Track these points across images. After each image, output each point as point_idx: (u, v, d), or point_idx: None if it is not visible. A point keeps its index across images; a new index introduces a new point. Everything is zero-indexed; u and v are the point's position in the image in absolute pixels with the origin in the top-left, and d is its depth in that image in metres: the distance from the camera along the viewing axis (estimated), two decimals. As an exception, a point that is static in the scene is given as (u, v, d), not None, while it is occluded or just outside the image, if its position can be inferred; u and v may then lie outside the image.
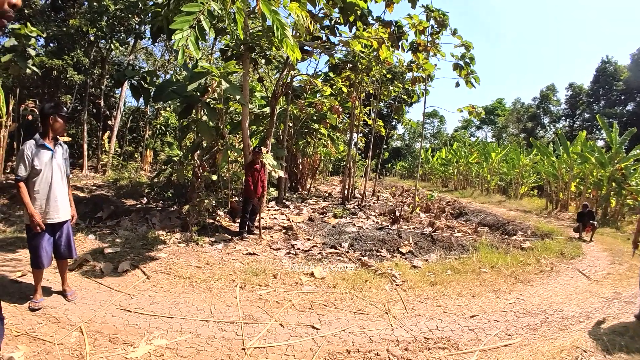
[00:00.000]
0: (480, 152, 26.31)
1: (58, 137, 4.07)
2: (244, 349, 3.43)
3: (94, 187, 11.99)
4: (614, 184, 13.91)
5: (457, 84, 13.43)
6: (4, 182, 10.88)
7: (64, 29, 15.91)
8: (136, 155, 22.24)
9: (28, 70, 10.41)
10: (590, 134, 41.79)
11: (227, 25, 3.71)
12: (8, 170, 12.94)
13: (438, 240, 8.39)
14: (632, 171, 13.90)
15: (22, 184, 3.78)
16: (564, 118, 51.57)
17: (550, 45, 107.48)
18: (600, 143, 27.83)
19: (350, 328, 3.96)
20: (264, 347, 3.49)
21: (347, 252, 7.03)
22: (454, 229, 10.65)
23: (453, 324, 4.20)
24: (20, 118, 14.57)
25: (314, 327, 3.92)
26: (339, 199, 15.07)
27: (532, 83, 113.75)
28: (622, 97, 44.26)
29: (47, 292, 4.31)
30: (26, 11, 15.40)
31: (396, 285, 5.38)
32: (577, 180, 16.72)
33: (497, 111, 64.70)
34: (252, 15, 7.29)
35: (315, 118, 14.08)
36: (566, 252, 8.06)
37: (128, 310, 4.07)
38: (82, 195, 9.98)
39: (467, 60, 12.79)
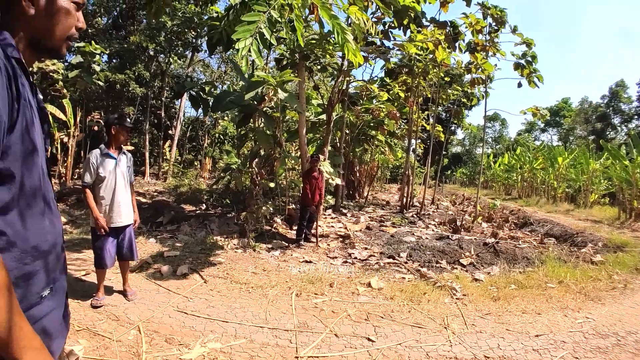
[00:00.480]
0: (545, 156, 24.61)
1: (122, 146, 4.30)
2: (297, 358, 3.39)
3: (156, 193, 12.62)
4: None
5: (520, 85, 12.70)
6: (72, 187, 11.75)
7: (125, 45, 17.12)
8: (195, 163, 23.23)
9: (93, 85, 11.25)
10: None
11: (285, 33, 3.73)
12: (76, 177, 13.95)
13: (501, 251, 7.91)
14: None
15: (88, 190, 4.06)
16: (636, 117, 46.65)
17: (617, 37, 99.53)
18: None
19: (407, 342, 3.79)
20: (317, 357, 3.43)
21: (406, 262, 6.80)
22: (518, 240, 10.03)
23: (516, 343, 3.89)
24: (87, 129, 15.69)
25: (369, 339, 3.79)
26: (397, 207, 14.76)
27: (600, 80, 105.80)
28: None
29: (109, 291, 4.55)
30: (90, 30, 16.73)
31: (456, 298, 5.10)
32: (655, 186, 15.09)
33: (562, 112, 60.23)
34: (305, 24, 7.34)
35: (372, 124, 13.88)
36: (642, 268, 7.28)
37: (185, 313, 4.18)
38: (144, 200, 10.52)
39: (529, 58, 12.08)
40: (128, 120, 4.28)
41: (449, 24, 11.50)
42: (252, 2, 3.57)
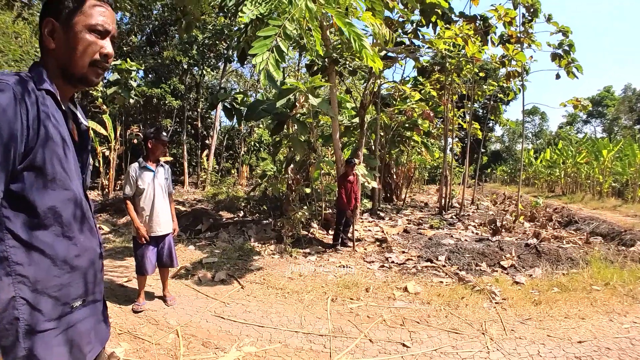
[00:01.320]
0: (589, 150, 23.47)
1: (159, 158, 4.49)
2: (330, 363, 3.41)
3: (194, 202, 13.00)
4: None
5: (558, 76, 12.22)
6: (114, 198, 12.33)
7: (159, 61, 17.84)
8: (233, 171, 23.76)
9: (131, 100, 11.77)
10: None
11: (307, 43, 3.82)
12: (118, 188, 14.61)
13: (544, 252, 7.61)
14: None
15: (128, 202, 4.29)
16: (685, 101, 44.05)
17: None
18: None
19: (443, 348, 3.73)
20: (351, 363, 3.43)
21: (444, 265, 6.68)
22: (562, 240, 9.61)
23: (557, 350, 3.74)
24: (127, 142, 16.44)
25: (404, 345, 3.76)
26: (436, 209, 14.47)
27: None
28: None
29: (150, 296, 4.75)
30: (125, 48, 17.51)
31: (495, 303, 4.97)
32: None
33: (605, 101, 56.95)
34: (331, 30, 7.39)
35: (407, 125, 13.73)
36: (697, 266, 6.80)
37: (222, 317, 4.30)
38: (183, 209, 10.84)
39: (566, 47, 11.59)
40: (164, 133, 4.47)
41: (479, 17, 11.24)
42: (267, 17, 3.67)
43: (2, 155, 1.01)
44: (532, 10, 11.41)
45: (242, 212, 10.62)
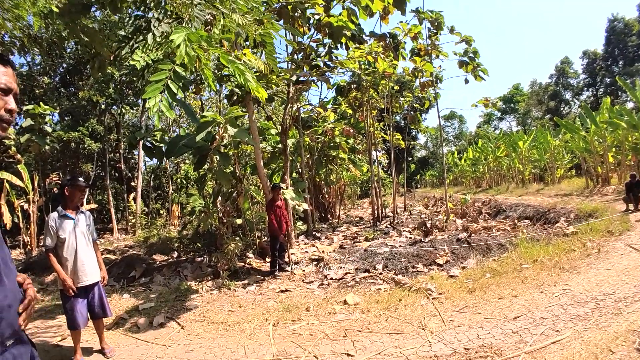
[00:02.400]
0: (507, 144, 25.33)
1: (79, 205, 4.33)
2: (277, 386, 3.36)
3: (126, 248, 12.34)
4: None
5: (466, 81, 13.22)
6: (39, 254, 11.37)
7: (75, 102, 16.91)
8: (162, 212, 22.73)
9: (47, 146, 10.99)
10: (617, 98, 39.15)
11: (204, 79, 4.00)
12: (42, 244, 13.48)
13: (475, 244, 8.07)
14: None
15: (50, 254, 4.07)
16: (585, 89, 48.79)
17: (553, 16, 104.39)
18: (630, 105, 26.06)
19: (386, 350, 3.81)
20: (297, 383, 3.40)
21: (381, 273, 6.83)
22: (491, 229, 10.24)
23: (495, 330, 3.95)
24: (46, 192, 15.29)
25: (348, 355, 3.79)
26: (371, 221, 14.84)
27: (545, 62, 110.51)
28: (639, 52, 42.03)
29: (87, 352, 4.46)
30: (37, 91, 16.46)
31: (432, 298, 5.16)
32: (613, 150, 15.64)
33: (516, 98, 62.56)
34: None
35: (331, 145, 14.05)
36: (614, 229, 7.50)
37: (165, 361, 4.10)
38: (114, 257, 10.27)
39: (471, 54, 12.61)
40: (80, 179, 4.31)
41: (388, 35, 11.91)
42: (157, 63, 3.78)
43: None
44: (436, 23, 12.30)
45: (175, 252, 10.24)
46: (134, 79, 16.31)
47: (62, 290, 4.06)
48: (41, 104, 11.10)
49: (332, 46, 10.07)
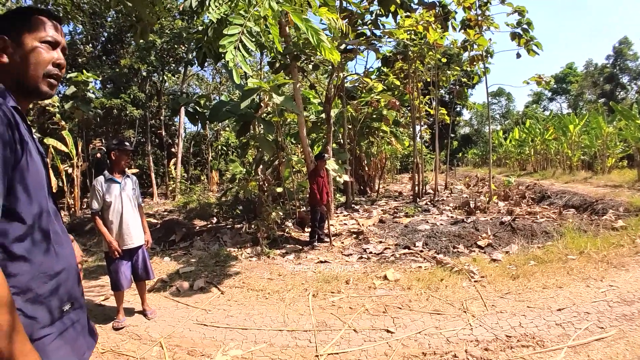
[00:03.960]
0: (556, 126, 23.96)
1: (125, 170, 4.37)
2: (317, 356, 3.39)
3: (165, 213, 12.70)
4: None
5: (518, 55, 12.42)
6: (82, 217, 11.88)
7: (117, 70, 17.25)
8: (202, 178, 23.14)
9: (90, 113, 11.31)
10: None
11: (265, 41, 3.80)
12: (84, 207, 14.04)
13: (518, 229, 7.75)
14: None
15: (97, 217, 4.15)
16: (645, 73, 45.79)
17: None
18: None
19: (427, 330, 3.74)
20: (337, 354, 3.42)
21: (421, 251, 6.71)
22: (536, 215, 9.82)
23: (538, 320, 3.80)
24: (90, 157, 15.85)
25: (388, 331, 3.76)
26: (410, 197, 14.57)
27: (603, 41, 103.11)
28: None
29: (129, 312, 4.60)
30: (80, 60, 16.87)
31: (474, 281, 5.02)
32: (672, 141, 14.62)
33: (569, 78, 58.49)
34: (290, 26, 7.31)
35: (374, 117, 13.75)
36: (666, 227, 7.01)
37: (204, 325, 4.21)
38: (154, 221, 10.56)
39: (525, 26, 11.83)
40: (127, 143, 4.34)
41: (438, 3, 11.33)
42: (230, 17, 3.66)
43: (2, 169, 1.05)
44: (489, -9, 11.59)
45: (215, 218, 10.41)
46: (176, 46, 16.41)
47: (107, 252, 4.16)
48: (84, 71, 11.39)
49: (379, 13, 9.68)
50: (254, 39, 3.65)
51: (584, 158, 22.71)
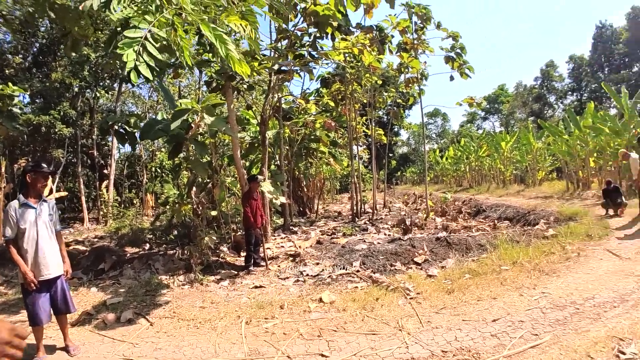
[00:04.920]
0: (489, 144, 25.52)
1: (42, 194, 4.09)
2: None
3: (96, 239, 11.95)
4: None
5: (452, 78, 13.13)
6: (2, 244, 10.88)
7: (47, 84, 16.17)
8: (136, 202, 22.08)
9: (16, 130, 10.46)
10: (601, 104, 39.95)
11: (178, 53, 3.62)
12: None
13: (454, 243, 7.97)
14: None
15: (10, 245, 3.86)
16: (570, 93, 50.18)
17: (542, 20, 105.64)
18: (613, 111, 26.54)
19: (362, 351, 3.67)
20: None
21: (358, 271, 6.67)
22: (471, 229, 10.20)
23: (473, 332, 3.85)
24: (15, 178, 14.68)
25: (323, 355, 3.66)
26: (349, 217, 14.69)
27: (531, 63, 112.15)
28: (626, 60, 43.00)
29: (51, 349, 4.23)
30: (7, 71, 15.69)
31: (410, 298, 5.03)
32: (595, 154, 15.79)
33: (500, 98, 63.42)
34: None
35: (312, 137, 13.81)
36: (593, 234, 7.49)
37: (131, 360, 3.92)
38: (83, 248, 9.91)
39: (458, 50, 12.52)
40: (44, 165, 4.07)
41: (375, 27, 11.72)
42: (133, 18, 3.45)
43: None
44: (424, 18, 12.17)
45: (147, 244, 9.91)
46: (111, 61, 15.68)
47: (23, 284, 3.85)
48: (10, 84, 10.55)
49: (317, 36, 9.81)
50: (158, 44, 3.48)
51: (516, 172, 24.25)
